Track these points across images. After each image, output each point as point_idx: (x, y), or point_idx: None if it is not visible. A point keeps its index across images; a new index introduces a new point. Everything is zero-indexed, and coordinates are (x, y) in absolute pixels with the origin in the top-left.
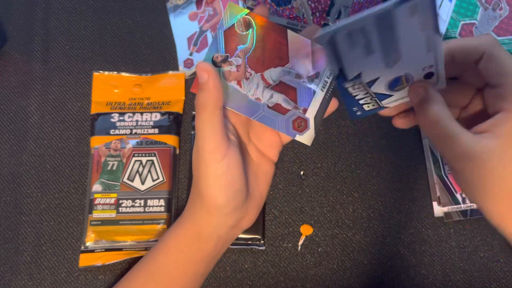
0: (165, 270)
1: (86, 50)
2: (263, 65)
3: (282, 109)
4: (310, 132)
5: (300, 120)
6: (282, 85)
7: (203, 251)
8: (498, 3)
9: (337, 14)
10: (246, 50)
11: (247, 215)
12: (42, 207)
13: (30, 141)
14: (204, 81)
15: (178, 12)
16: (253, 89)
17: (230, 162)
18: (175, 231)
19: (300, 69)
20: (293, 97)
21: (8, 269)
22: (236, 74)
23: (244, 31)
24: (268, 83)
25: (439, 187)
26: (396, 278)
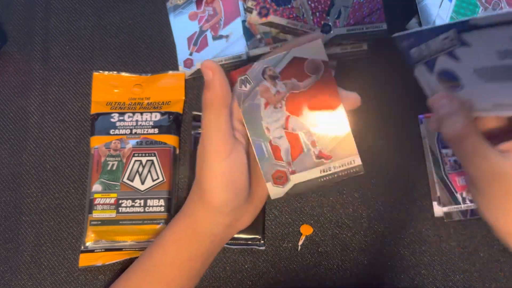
0: (162, 268)
1: (86, 50)
2: (297, 110)
3: (277, 155)
4: (280, 190)
5: (283, 175)
6: (295, 137)
7: (199, 249)
8: (498, 3)
9: (337, 14)
10: (296, 87)
11: (245, 216)
12: (42, 207)
13: (30, 141)
14: (210, 79)
15: (178, 12)
16: (272, 119)
17: (234, 162)
18: (172, 228)
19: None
20: (295, 154)
21: (8, 269)
22: (271, 96)
23: (309, 72)
24: (287, 126)
25: (439, 187)
26: (396, 278)
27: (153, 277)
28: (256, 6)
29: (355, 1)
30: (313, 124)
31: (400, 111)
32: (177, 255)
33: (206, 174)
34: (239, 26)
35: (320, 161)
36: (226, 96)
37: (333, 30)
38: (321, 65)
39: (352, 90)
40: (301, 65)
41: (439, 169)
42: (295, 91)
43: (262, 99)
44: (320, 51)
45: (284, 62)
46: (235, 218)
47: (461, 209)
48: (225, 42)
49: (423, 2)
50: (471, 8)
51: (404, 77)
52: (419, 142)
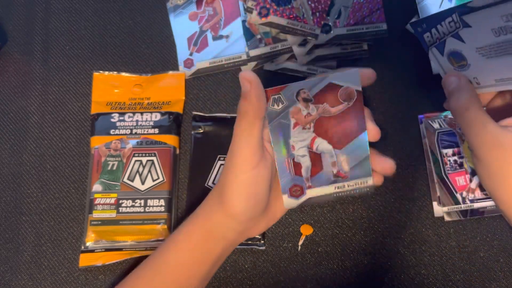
0: (173, 268)
1: (86, 50)
2: (324, 132)
3: (298, 171)
4: (295, 202)
5: (300, 189)
6: (317, 157)
7: (211, 251)
8: None
9: (337, 14)
10: (327, 112)
11: (257, 226)
12: (42, 207)
13: (30, 141)
14: (247, 90)
15: (178, 12)
16: (298, 139)
17: (259, 174)
18: (186, 228)
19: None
20: (314, 172)
21: (8, 269)
22: (301, 118)
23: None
24: (312, 147)
25: (439, 187)
26: (396, 278)
27: (164, 277)
28: (256, 6)
29: (355, 1)
30: (336, 147)
31: (400, 111)
32: (190, 255)
33: (229, 181)
34: (239, 26)
35: (336, 179)
36: (261, 108)
37: (333, 30)
38: (354, 94)
39: None
40: (335, 91)
41: (439, 169)
42: (325, 115)
43: (292, 119)
44: (356, 81)
45: (319, 86)
46: (248, 227)
47: (461, 209)
48: (225, 42)
49: (423, 2)
50: None
51: (404, 77)
52: (419, 142)
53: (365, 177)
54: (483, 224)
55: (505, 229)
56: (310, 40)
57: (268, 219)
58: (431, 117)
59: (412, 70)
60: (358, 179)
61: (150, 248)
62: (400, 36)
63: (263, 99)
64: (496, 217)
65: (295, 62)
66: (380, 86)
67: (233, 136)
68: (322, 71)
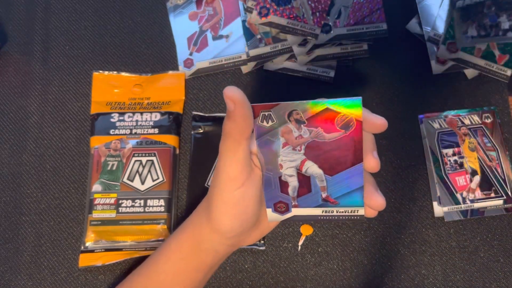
0: (165, 277)
1: (86, 50)
2: (315, 156)
3: (284, 189)
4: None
5: (285, 206)
6: (306, 179)
7: (202, 262)
8: None
9: (337, 14)
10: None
11: (250, 237)
12: (42, 207)
13: (30, 141)
14: (231, 110)
15: (178, 12)
16: (287, 159)
17: (246, 193)
18: (178, 237)
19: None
20: (302, 192)
21: (8, 269)
22: (292, 139)
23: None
24: (301, 168)
25: (439, 187)
26: (396, 278)
27: (157, 285)
28: (256, 6)
29: (355, 1)
30: (327, 173)
31: (400, 111)
32: (182, 264)
33: (216, 200)
34: (239, 26)
35: (324, 203)
36: (247, 128)
37: (333, 30)
38: (353, 123)
39: (352, 90)
40: (332, 117)
41: (439, 169)
42: (318, 139)
43: (282, 138)
44: (357, 110)
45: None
46: (239, 240)
47: (461, 209)
48: (225, 42)
49: (423, 2)
50: None
51: (404, 77)
52: (419, 142)
53: (357, 207)
54: (483, 224)
55: (505, 229)
56: (310, 40)
57: (261, 230)
58: (431, 117)
59: (412, 70)
60: (348, 207)
61: (150, 248)
62: (400, 36)
63: (249, 118)
64: (496, 217)
65: (295, 62)
66: (380, 86)
67: (218, 155)
68: (323, 71)
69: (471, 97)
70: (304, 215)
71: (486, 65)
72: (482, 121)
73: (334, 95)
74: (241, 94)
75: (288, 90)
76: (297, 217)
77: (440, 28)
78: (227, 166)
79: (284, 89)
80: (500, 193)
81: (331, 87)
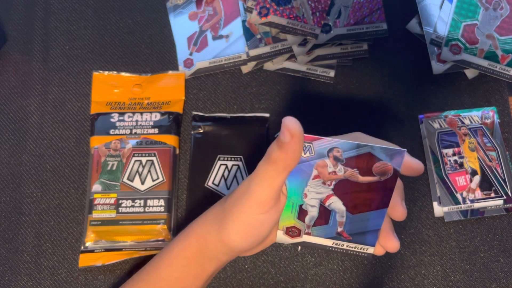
0: (166, 283)
1: (86, 50)
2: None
3: (302, 217)
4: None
5: (297, 231)
6: (327, 212)
7: (204, 270)
8: (499, 3)
9: (337, 14)
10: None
11: (252, 251)
12: (42, 207)
13: (30, 141)
14: (286, 142)
15: (178, 12)
16: (314, 191)
17: (268, 219)
18: (182, 243)
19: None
20: (318, 223)
21: (8, 269)
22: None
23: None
24: (325, 202)
25: (439, 187)
26: (396, 278)
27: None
28: (256, 6)
29: (355, 1)
30: (350, 211)
31: (400, 111)
32: (183, 271)
33: (234, 217)
34: (239, 26)
35: (337, 236)
36: (293, 163)
37: (333, 30)
38: (390, 172)
39: (352, 90)
40: (371, 162)
41: (439, 169)
42: (351, 178)
43: (315, 170)
44: (399, 161)
45: (357, 152)
46: (242, 253)
47: (461, 209)
48: (225, 42)
49: (423, 2)
50: (472, 9)
51: (404, 77)
52: (419, 142)
53: (367, 245)
54: (483, 224)
55: (505, 229)
56: (310, 40)
57: (265, 244)
58: (431, 117)
59: (412, 70)
60: (359, 244)
61: (150, 248)
62: (400, 36)
63: (299, 154)
64: (496, 217)
65: (295, 62)
66: (380, 86)
67: (255, 171)
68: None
69: (471, 97)
70: (313, 243)
71: (489, 65)
72: (482, 121)
73: (334, 95)
74: (300, 128)
75: (288, 90)
76: (305, 243)
77: (441, 30)
78: (259, 190)
79: (284, 89)
80: (500, 193)
81: (331, 87)
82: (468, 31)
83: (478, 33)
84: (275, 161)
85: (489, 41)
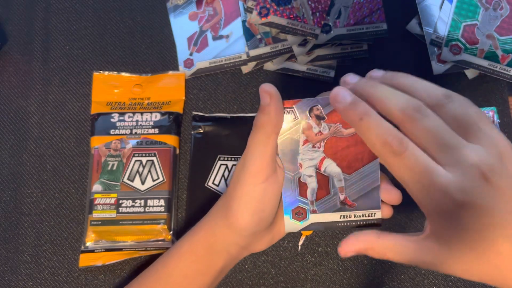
0: (176, 279)
1: (86, 50)
2: (333, 154)
3: (303, 192)
4: (297, 226)
5: (303, 212)
6: (324, 179)
7: (212, 265)
8: (499, 3)
9: (337, 14)
10: (339, 133)
11: (261, 242)
12: (42, 207)
13: (30, 141)
14: (266, 104)
15: (178, 12)
16: (307, 158)
17: (268, 189)
18: (190, 239)
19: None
20: (320, 195)
21: (8, 269)
22: (312, 135)
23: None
24: (320, 168)
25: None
26: (396, 278)
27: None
28: (256, 6)
29: (355, 1)
30: (345, 171)
31: None
32: (192, 266)
33: (237, 193)
34: (239, 26)
35: (342, 207)
36: (279, 122)
37: (333, 30)
38: None
39: None
40: None
41: None
42: (337, 135)
43: (302, 135)
44: None
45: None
46: (251, 242)
47: None
48: (225, 42)
49: (423, 3)
50: (472, 9)
51: None
52: None
53: (374, 209)
54: None
55: None
56: (310, 40)
57: (272, 236)
58: None
59: (412, 70)
60: (365, 210)
61: (150, 248)
62: (400, 36)
63: (281, 113)
64: None
65: (295, 62)
66: None
67: (246, 148)
68: (323, 72)
69: (471, 97)
70: (322, 222)
71: (489, 65)
72: None
73: None
74: (276, 89)
75: (288, 90)
76: (315, 225)
77: (441, 30)
78: (256, 159)
79: (284, 89)
80: None
81: (331, 87)
82: (468, 31)
83: (478, 33)
84: (261, 126)
85: (489, 41)
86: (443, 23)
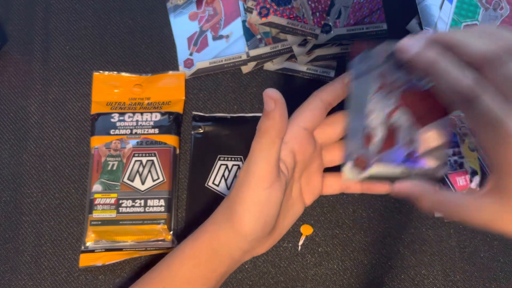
0: (178, 283)
1: (86, 50)
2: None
3: (367, 141)
4: (356, 175)
5: (364, 161)
6: (392, 131)
7: (215, 268)
8: (499, 3)
9: (337, 14)
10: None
11: (262, 246)
12: (42, 207)
13: (30, 141)
14: (270, 110)
15: (178, 12)
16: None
17: (272, 195)
18: (192, 243)
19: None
20: (386, 147)
21: (8, 269)
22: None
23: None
24: (391, 117)
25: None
26: (396, 278)
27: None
28: (256, 6)
29: (355, 1)
30: (416, 124)
31: None
32: (195, 271)
33: (242, 198)
34: (239, 26)
35: (406, 161)
36: (283, 128)
37: (333, 30)
38: None
39: None
40: None
41: None
42: (413, 86)
43: (377, 81)
44: None
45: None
46: (254, 246)
47: None
48: (225, 42)
49: (423, 3)
50: (472, 9)
51: None
52: None
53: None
54: None
55: None
56: (310, 40)
57: (273, 239)
58: None
59: None
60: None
61: (150, 248)
62: (400, 36)
63: (286, 118)
64: None
65: (295, 62)
66: None
67: (250, 153)
68: (323, 71)
69: None
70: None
71: None
72: None
73: None
74: (280, 95)
75: (288, 90)
76: (373, 177)
77: (441, 30)
78: (260, 165)
79: (284, 89)
80: None
81: None
82: None
83: None
84: (265, 131)
85: None
86: (443, 23)
